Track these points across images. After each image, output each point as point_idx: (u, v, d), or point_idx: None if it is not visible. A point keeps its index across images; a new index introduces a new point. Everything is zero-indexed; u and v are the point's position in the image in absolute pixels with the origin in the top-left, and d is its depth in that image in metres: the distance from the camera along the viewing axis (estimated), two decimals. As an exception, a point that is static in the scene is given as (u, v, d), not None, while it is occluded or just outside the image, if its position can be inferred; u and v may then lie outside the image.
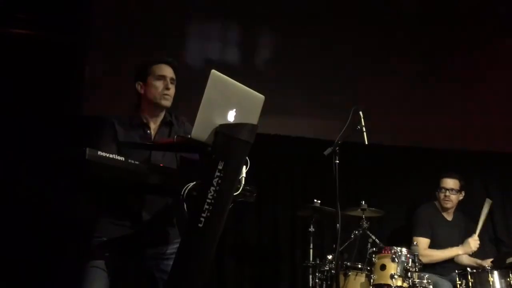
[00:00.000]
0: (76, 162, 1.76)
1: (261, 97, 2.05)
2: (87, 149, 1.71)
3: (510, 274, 3.36)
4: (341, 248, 3.43)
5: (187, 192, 1.88)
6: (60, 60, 3.86)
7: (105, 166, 1.74)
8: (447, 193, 3.89)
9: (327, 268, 3.52)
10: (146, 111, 2.37)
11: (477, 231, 3.77)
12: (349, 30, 4.58)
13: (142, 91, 2.37)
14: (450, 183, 3.91)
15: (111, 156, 1.77)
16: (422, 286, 3.16)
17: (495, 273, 3.36)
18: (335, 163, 3.09)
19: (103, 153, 1.74)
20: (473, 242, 3.74)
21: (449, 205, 3.92)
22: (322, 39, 4.53)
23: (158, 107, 2.36)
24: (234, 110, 1.94)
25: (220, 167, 1.84)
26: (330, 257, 3.52)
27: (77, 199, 3.43)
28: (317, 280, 3.56)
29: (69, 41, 3.89)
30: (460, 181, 3.94)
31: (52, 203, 3.59)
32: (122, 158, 1.80)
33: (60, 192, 3.55)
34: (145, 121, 2.35)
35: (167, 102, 2.35)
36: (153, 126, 2.36)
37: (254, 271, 4.21)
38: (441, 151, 4.67)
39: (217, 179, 1.83)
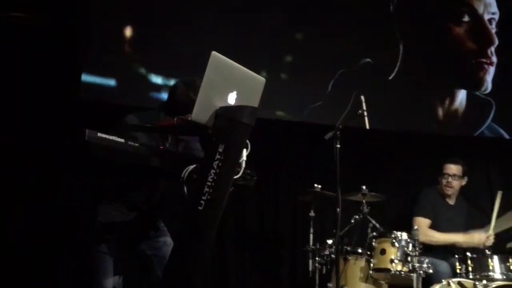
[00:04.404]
0: (76, 145, 1.75)
1: (262, 79, 2.03)
2: (87, 130, 1.70)
3: (510, 259, 3.35)
4: (342, 232, 3.43)
5: (187, 175, 1.88)
6: (59, 44, 3.82)
7: (105, 147, 1.73)
8: (449, 179, 3.88)
9: (327, 252, 3.53)
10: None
11: (488, 229, 3.67)
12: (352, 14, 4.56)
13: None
14: (453, 168, 3.89)
15: (110, 137, 1.76)
16: (422, 270, 3.17)
17: (495, 258, 3.36)
18: (336, 147, 3.08)
19: (102, 135, 1.73)
20: (478, 237, 3.67)
21: (450, 191, 3.91)
22: (324, 25, 4.50)
23: None
24: (235, 92, 1.93)
25: (220, 150, 1.83)
26: (330, 241, 3.53)
27: (78, 184, 3.42)
28: (317, 265, 3.58)
29: (69, 25, 3.86)
30: (463, 167, 3.92)
31: (54, 190, 3.59)
32: (122, 140, 1.79)
33: (61, 178, 3.56)
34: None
35: None
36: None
37: (255, 255, 4.23)
38: (444, 137, 4.66)
39: (217, 162, 1.82)
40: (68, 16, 3.85)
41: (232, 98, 1.93)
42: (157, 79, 4.04)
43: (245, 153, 1.96)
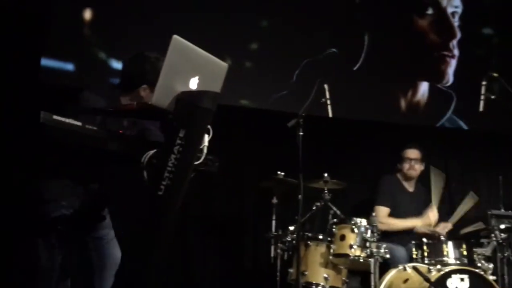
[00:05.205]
0: (31, 127, 1.71)
1: (224, 65, 2.03)
2: (42, 112, 1.66)
3: (463, 245, 3.49)
4: (303, 219, 3.49)
5: (147, 159, 1.86)
6: (22, 29, 3.70)
7: (61, 130, 1.69)
8: (412, 163, 4.01)
9: (289, 239, 3.58)
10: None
11: (435, 203, 3.88)
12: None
13: (143, 95, 2.21)
14: (414, 153, 4.02)
15: (67, 120, 1.71)
16: (380, 255, 3.26)
17: (450, 243, 3.48)
18: (299, 135, 3.11)
19: (58, 117, 1.69)
20: (432, 215, 3.85)
21: (414, 174, 4.04)
22: (290, 14, 4.50)
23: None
24: (197, 77, 1.92)
25: (181, 135, 1.82)
26: (292, 228, 3.58)
27: (32, 171, 3.33)
28: (279, 251, 3.63)
29: (29, 8, 3.74)
30: (421, 152, 4.06)
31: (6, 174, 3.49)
32: (79, 123, 1.75)
33: (14, 162, 3.46)
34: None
35: None
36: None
37: (218, 241, 4.25)
38: (404, 127, 4.77)
39: (178, 147, 1.82)
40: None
41: (193, 83, 1.92)
42: (118, 65, 3.96)
43: (206, 138, 1.96)
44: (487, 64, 4.95)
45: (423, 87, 4.96)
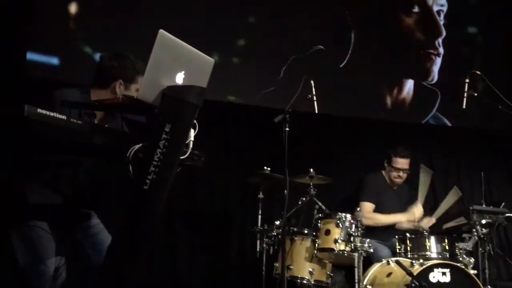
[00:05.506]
0: (14, 121, 1.69)
1: (211, 60, 2.03)
2: (26, 105, 1.64)
3: (446, 239, 3.54)
4: (289, 214, 3.53)
5: (132, 153, 1.86)
6: (7, 22, 3.67)
7: (46, 124, 1.67)
8: (401, 173, 4.03)
9: (274, 233, 3.62)
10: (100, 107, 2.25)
11: (420, 200, 3.91)
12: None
13: (118, 91, 2.23)
14: (404, 163, 4.02)
15: (51, 114, 1.70)
16: (363, 250, 3.30)
17: (432, 238, 3.53)
18: (285, 130, 3.14)
19: (43, 111, 1.67)
20: (417, 211, 3.88)
21: (400, 182, 4.09)
22: (277, 10, 4.52)
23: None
24: (183, 72, 1.92)
25: (167, 129, 1.83)
26: (278, 223, 3.61)
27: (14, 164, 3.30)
28: (264, 245, 3.66)
29: (18, 3, 3.70)
30: (411, 159, 4.07)
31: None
32: (64, 117, 1.74)
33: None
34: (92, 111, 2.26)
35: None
36: (99, 116, 2.29)
37: (205, 236, 4.27)
38: (390, 123, 4.82)
39: (163, 141, 1.83)
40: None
41: (180, 78, 1.92)
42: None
43: (192, 133, 1.97)
44: (471, 62, 5.02)
45: (409, 85, 5.01)
